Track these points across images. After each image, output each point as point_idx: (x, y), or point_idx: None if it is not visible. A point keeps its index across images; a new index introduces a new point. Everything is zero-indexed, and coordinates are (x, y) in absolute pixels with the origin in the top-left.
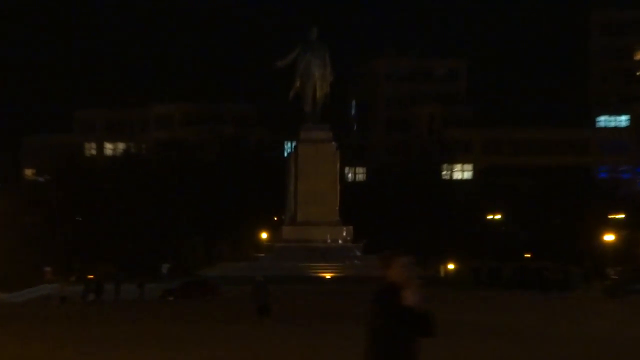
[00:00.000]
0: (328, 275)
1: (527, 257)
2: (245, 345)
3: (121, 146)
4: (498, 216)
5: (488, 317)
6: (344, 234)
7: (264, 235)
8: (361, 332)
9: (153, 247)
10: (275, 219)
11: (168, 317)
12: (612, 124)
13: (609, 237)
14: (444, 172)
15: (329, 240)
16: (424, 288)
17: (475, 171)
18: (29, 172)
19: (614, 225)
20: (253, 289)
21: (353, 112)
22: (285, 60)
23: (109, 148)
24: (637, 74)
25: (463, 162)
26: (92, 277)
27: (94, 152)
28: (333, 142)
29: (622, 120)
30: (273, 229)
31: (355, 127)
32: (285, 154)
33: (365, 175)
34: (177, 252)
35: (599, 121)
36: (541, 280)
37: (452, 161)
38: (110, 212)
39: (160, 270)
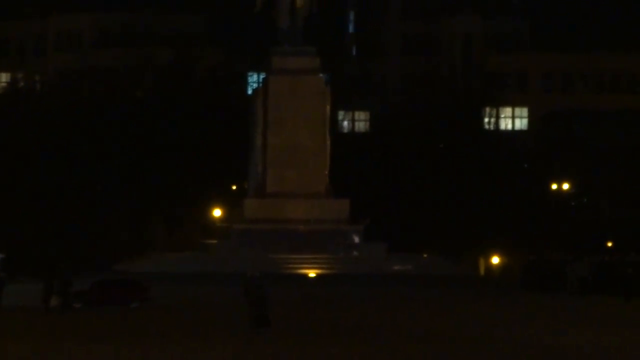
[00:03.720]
0: (312, 273)
1: (609, 246)
2: None
3: (4, 77)
4: (566, 185)
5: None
6: (336, 211)
7: (216, 213)
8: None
9: (51, 226)
10: (234, 188)
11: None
12: None
13: None
14: (486, 119)
15: (313, 221)
16: None
17: (532, 117)
18: None
19: None
20: (244, 289)
21: (351, 28)
22: None
23: None
24: None
25: (515, 104)
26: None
27: None
28: (321, 75)
29: None
30: (230, 204)
31: (354, 52)
32: (249, 91)
33: (368, 123)
34: (78, 237)
35: None
36: (626, 282)
37: (499, 102)
38: None
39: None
